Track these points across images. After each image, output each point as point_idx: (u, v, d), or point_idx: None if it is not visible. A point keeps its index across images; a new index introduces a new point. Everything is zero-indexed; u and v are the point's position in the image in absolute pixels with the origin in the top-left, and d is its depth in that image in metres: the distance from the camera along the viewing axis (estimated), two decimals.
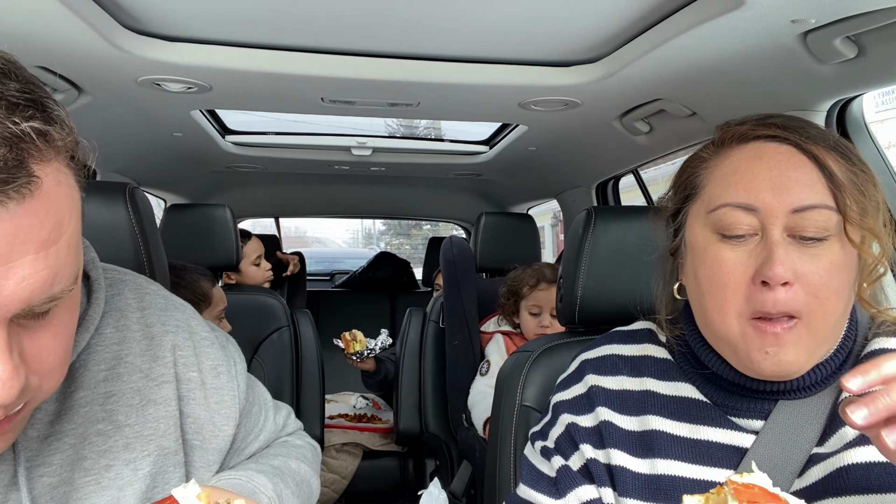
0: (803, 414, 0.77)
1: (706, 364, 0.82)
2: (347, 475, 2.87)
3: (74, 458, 0.68)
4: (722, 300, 0.75)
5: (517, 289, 2.18)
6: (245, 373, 0.86)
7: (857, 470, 0.70)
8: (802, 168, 0.74)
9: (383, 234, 24.54)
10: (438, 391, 2.58)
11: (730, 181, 0.77)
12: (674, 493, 0.78)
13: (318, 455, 1.00)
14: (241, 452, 0.88)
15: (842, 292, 0.73)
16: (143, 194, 1.24)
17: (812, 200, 0.72)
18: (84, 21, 1.18)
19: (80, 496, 0.67)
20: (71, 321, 0.60)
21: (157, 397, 0.75)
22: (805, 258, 0.72)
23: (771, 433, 0.77)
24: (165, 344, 0.78)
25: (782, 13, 1.08)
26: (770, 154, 0.76)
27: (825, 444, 0.75)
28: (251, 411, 0.90)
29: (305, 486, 0.89)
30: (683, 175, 0.85)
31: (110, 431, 0.71)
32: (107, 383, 0.72)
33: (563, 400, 0.92)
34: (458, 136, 2.79)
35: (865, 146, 1.44)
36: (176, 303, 0.84)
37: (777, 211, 0.73)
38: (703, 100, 1.57)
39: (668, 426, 0.82)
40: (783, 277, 0.70)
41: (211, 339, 0.83)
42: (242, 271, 2.61)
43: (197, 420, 0.78)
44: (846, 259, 0.73)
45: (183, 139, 2.28)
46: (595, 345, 0.96)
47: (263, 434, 0.91)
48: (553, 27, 1.34)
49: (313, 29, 1.37)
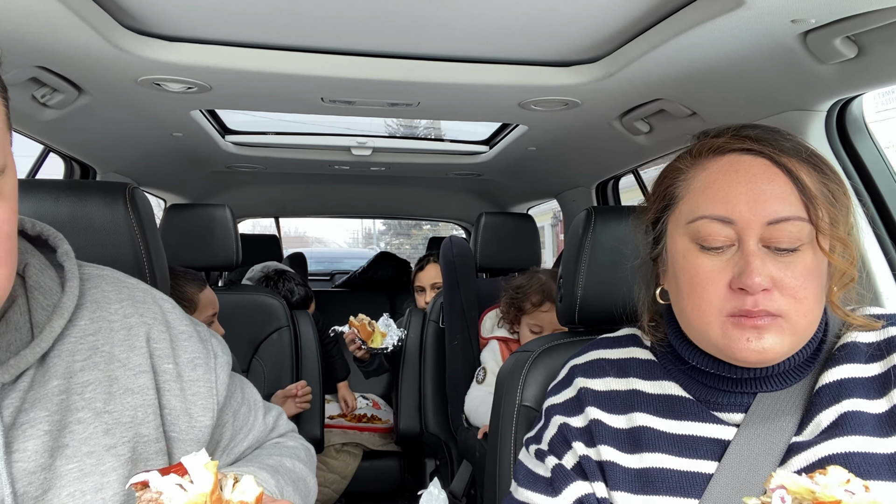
0: (781, 405, 0.82)
1: (688, 359, 0.87)
2: (347, 475, 2.87)
3: (54, 446, 0.69)
4: (701, 301, 0.80)
5: (520, 303, 2.12)
6: (227, 367, 0.87)
7: (837, 459, 0.75)
8: (776, 181, 0.78)
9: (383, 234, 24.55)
10: (438, 391, 2.58)
11: (707, 194, 0.81)
12: (661, 485, 0.82)
13: (311, 455, 1.00)
14: (230, 452, 0.89)
15: (817, 293, 0.78)
16: (143, 194, 1.24)
17: (786, 213, 0.76)
18: (84, 21, 1.18)
19: (64, 483, 0.69)
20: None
21: (135, 386, 0.76)
22: (780, 265, 0.77)
23: (751, 425, 0.81)
24: (141, 335, 0.79)
25: (782, 13, 1.08)
26: (745, 167, 0.80)
27: (803, 433, 0.80)
28: (240, 411, 0.91)
29: (302, 483, 0.91)
30: (662, 185, 0.90)
31: (90, 419, 0.72)
32: (83, 373, 0.74)
33: (554, 404, 0.96)
34: (458, 136, 2.79)
35: (865, 146, 1.44)
36: (156, 296, 0.85)
37: (753, 223, 0.77)
38: (703, 100, 1.57)
39: (654, 422, 0.86)
40: (760, 286, 0.75)
41: (189, 332, 0.84)
42: None
43: (173, 411, 0.79)
44: (818, 265, 0.78)
45: (183, 139, 2.28)
46: (583, 351, 1.00)
47: (253, 433, 0.93)
48: (553, 27, 1.34)
49: (313, 29, 1.37)
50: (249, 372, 2.36)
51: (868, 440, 0.76)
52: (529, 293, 2.10)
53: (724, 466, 0.80)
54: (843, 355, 0.83)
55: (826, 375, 0.82)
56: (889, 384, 0.79)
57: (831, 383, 0.81)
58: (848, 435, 0.76)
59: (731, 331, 0.78)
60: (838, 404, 0.79)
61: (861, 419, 0.77)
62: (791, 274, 0.76)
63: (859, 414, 0.77)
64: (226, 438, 0.88)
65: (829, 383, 0.81)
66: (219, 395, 0.84)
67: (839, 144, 1.44)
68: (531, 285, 2.11)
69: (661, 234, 0.90)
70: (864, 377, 0.81)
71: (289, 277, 2.86)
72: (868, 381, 0.80)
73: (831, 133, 1.43)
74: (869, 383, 0.80)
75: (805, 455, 0.77)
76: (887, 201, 1.40)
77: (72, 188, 1.18)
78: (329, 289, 4.36)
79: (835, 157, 1.43)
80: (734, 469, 0.79)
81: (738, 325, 0.77)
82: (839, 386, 0.80)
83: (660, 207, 0.89)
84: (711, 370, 0.85)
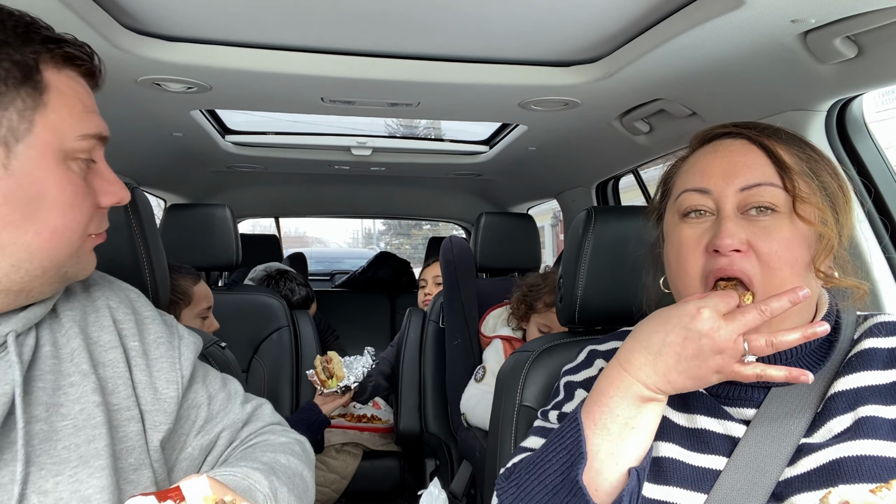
0: (792, 405, 0.82)
1: None
2: (347, 475, 2.87)
3: (50, 404, 0.78)
4: (685, 269, 0.85)
5: (532, 302, 2.12)
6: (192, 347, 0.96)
7: (849, 462, 0.75)
8: (751, 154, 0.84)
9: (383, 234, 24.56)
10: (438, 391, 2.58)
11: (690, 172, 0.89)
12: (673, 476, 0.83)
13: (306, 448, 1.01)
14: (205, 433, 0.95)
15: (795, 265, 0.80)
16: (143, 194, 1.24)
17: (757, 179, 0.82)
18: (84, 21, 1.18)
19: (59, 437, 0.77)
20: None
21: (106, 360, 0.85)
22: (756, 230, 0.81)
23: (761, 424, 0.82)
24: (108, 316, 0.89)
25: (782, 13, 1.08)
26: (725, 147, 0.87)
27: (814, 435, 0.80)
28: (217, 397, 0.98)
29: (298, 478, 0.91)
30: (663, 179, 0.98)
31: (80, 381, 0.81)
32: (69, 342, 0.83)
33: (574, 380, 0.99)
34: (458, 136, 2.79)
35: (865, 146, 1.44)
36: (122, 286, 0.95)
37: (727, 191, 0.83)
38: (703, 100, 1.57)
39: (668, 413, 0.88)
40: (731, 246, 0.79)
41: (154, 316, 0.94)
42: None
43: (140, 384, 0.88)
44: (797, 234, 0.81)
45: (183, 139, 2.28)
46: (603, 340, 1.04)
47: (228, 417, 0.98)
48: (553, 27, 1.34)
49: (313, 29, 1.37)
50: (249, 372, 2.36)
51: (882, 444, 0.76)
52: (542, 293, 2.10)
53: (733, 464, 0.81)
54: (861, 362, 0.82)
55: (842, 382, 0.81)
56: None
57: (847, 391, 0.81)
58: (861, 438, 0.76)
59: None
60: (853, 411, 0.79)
61: (876, 423, 0.77)
62: (766, 239, 0.80)
63: (874, 419, 0.77)
64: (201, 419, 0.95)
65: (845, 390, 0.81)
66: (183, 369, 0.92)
67: (839, 144, 1.44)
68: (545, 285, 2.11)
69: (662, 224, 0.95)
70: (882, 384, 0.80)
71: (290, 277, 2.89)
72: (885, 388, 0.80)
73: (831, 133, 1.43)
74: (886, 390, 0.80)
75: (815, 457, 0.77)
76: (887, 201, 1.40)
77: None
78: (329, 289, 4.36)
79: (835, 157, 1.43)
80: (743, 467, 0.80)
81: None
82: (855, 394, 0.80)
83: (660, 198, 0.96)
84: None
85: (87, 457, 0.77)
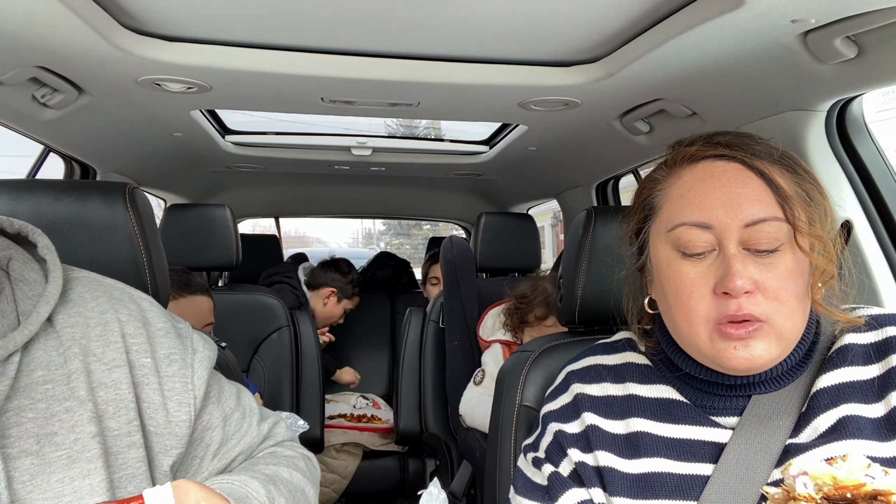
0: (775, 407, 0.82)
1: (681, 367, 0.87)
2: (347, 475, 2.87)
3: (41, 434, 0.72)
4: (688, 310, 0.80)
5: (523, 315, 2.10)
6: (206, 362, 0.88)
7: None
8: (751, 184, 0.80)
9: (383, 234, 24.55)
10: (438, 391, 2.58)
11: (684, 201, 0.83)
12: (660, 489, 0.83)
13: (312, 464, 0.99)
14: (221, 457, 0.89)
15: (800, 294, 0.79)
16: (142, 194, 1.24)
17: (762, 214, 0.78)
18: (84, 21, 1.18)
19: (53, 469, 0.72)
20: None
21: (108, 380, 0.79)
22: (761, 268, 0.77)
23: (746, 427, 0.82)
24: (117, 331, 0.82)
25: (782, 13, 1.08)
26: (719, 173, 0.82)
27: (800, 435, 0.80)
28: (232, 417, 0.92)
29: (300, 494, 0.89)
30: (641, 196, 0.91)
31: (75, 407, 0.75)
32: (67, 364, 0.77)
33: (551, 410, 0.97)
34: (458, 136, 2.79)
35: (865, 146, 1.44)
36: (134, 295, 0.88)
37: (731, 227, 0.78)
38: (703, 100, 1.57)
39: (651, 427, 0.87)
40: (743, 288, 0.76)
41: (167, 328, 0.86)
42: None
43: (152, 404, 0.81)
44: (799, 265, 0.79)
45: (183, 139, 2.28)
46: (579, 357, 1.01)
47: (245, 440, 0.93)
48: (553, 27, 1.34)
49: (313, 29, 1.37)
50: (249, 372, 2.36)
51: (868, 444, 0.76)
52: (533, 305, 2.07)
53: (721, 468, 0.81)
54: (840, 358, 0.83)
55: (823, 379, 0.82)
56: (887, 387, 0.79)
57: (829, 387, 0.81)
58: (847, 439, 0.76)
59: (718, 341, 0.79)
60: (836, 408, 0.79)
61: (859, 424, 0.77)
62: (773, 276, 0.77)
63: (857, 419, 0.78)
64: (216, 442, 0.89)
65: (826, 387, 0.81)
66: (196, 389, 0.85)
67: (839, 144, 1.44)
68: (535, 297, 2.07)
69: (644, 244, 0.91)
70: (862, 380, 0.81)
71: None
72: (866, 385, 0.80)
73: (831, 133, 1.43)
74: (867, 386, 0.80)
75: (803, 457, 0.77)
76: (887, 201, 1.40)
77: (72, 188, 1.18)
78: None
79: (835, 158, 1.43)
80: (730, 471, 0.80)
81: (724, 335, 0.78)
82: (837, 390, 0.80)
83: (640, 218, 0.91)
84: (704, 377, 0.86)
85: (81, 493, 0.72)
